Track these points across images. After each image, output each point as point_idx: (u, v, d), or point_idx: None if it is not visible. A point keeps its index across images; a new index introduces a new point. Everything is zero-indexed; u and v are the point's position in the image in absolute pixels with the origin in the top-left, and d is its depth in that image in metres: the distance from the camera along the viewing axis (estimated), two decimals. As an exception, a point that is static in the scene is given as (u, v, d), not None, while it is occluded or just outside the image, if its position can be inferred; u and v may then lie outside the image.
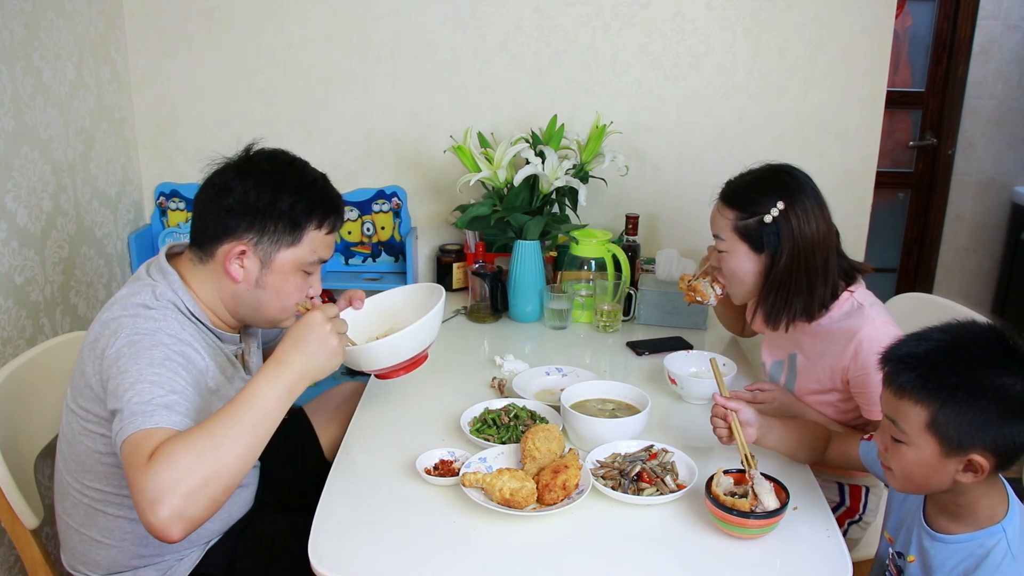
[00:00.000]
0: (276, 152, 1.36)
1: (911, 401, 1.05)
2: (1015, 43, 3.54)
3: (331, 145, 2.38)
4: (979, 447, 1.02)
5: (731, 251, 1.53)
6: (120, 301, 1.26)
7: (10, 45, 1.76)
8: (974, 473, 1.04)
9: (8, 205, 1.76)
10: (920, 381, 1.04)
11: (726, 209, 1.53)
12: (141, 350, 1.16)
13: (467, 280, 2.28)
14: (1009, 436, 1.01)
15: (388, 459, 1.39)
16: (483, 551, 1.17)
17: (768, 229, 1.47)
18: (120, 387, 1.12)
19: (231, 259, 1.29)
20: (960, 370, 1.02)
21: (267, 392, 1.11)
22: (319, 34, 2.29)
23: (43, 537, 1.42)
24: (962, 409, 1.01)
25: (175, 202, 2.40)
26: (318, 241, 1.34)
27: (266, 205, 1.28)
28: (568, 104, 2.31)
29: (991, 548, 1.08)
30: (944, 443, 1.03)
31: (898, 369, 1.07)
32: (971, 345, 1.04)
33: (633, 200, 2.39)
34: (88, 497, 1.30)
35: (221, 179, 1.31)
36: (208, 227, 1.31)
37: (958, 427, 1.02)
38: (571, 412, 1.43)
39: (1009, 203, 3.68)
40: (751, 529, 1.17)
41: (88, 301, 2.09)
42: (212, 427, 1.05)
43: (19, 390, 1.43)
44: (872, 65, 2.26)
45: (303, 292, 1.37)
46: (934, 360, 1.04)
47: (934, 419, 1.03)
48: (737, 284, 1.56)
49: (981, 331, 1.06)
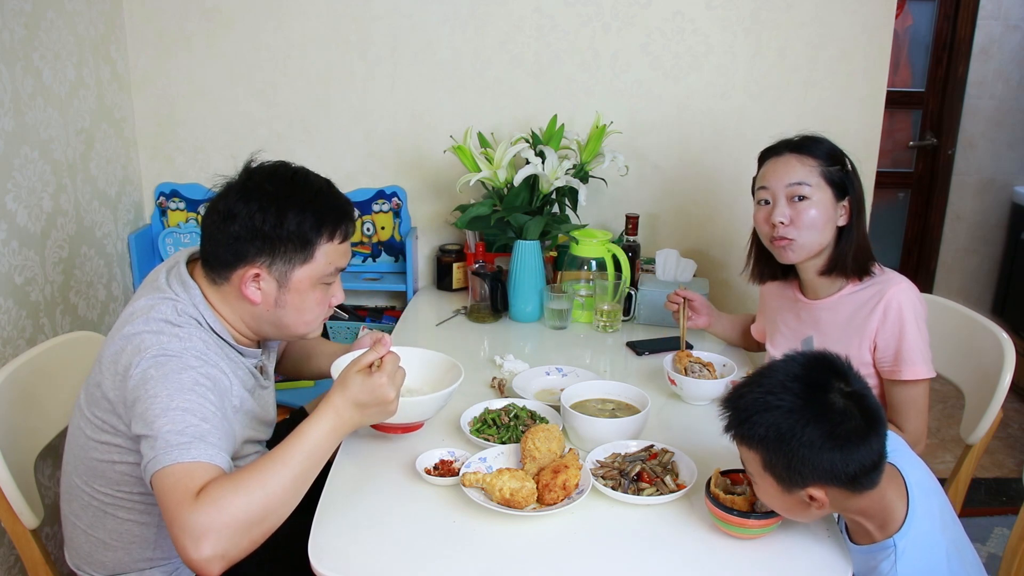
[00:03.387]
0: (276, 168, 1.33)
1: (744, 447, 1.12)
2: (1015, 43, 3.54)
3: (331, 145, 2.38)
4: (810, 483, 1.07)
5: (815, 198, 1.53)
6: (142, 315, 1.23)
7: (10, 45, 1.76)
8: (818, 504, 1.08)
9: (8, 205, 1.76)
10: (743, 430, 1.11)
11: (807, 158, 1.55)
12: (169, 373, 1.15)
13: (467, 280, 2.28)
14: (831, 467, 1.05)
15: (388, 459, 1.39)
16: (483, 551, 1.17)
17: (849, 178, 1.54)
18: (150, 412, 1.11)
19: (247, 283, 1.28)
20: (768, 421, 1.07)
21: (321, 443, 1.13)
22: (319, 34, 2.29)
23: (43, 537, 1.42)
24: (780, 455, 1.07)
25: (175, 202, 2.40)
26: (332, 252, 1.32)
27: (273, 227, 1.26)
28: (568, 104, 2.31)
29: (880, 562, 1.12)
30: (779, 481, 1.09)
31: (729, 419, 1.14)
32: (781, 392, 1.08)
33: (633, 200, 2.39)
34: (98, 501, 1.30)
35: (224, 205, 1.28)
36: (219, 254, 1.29)
37: (785, 468, 1.07)
38: (571, 412, 1.43)
39: (1009, 203, 3.68)
40: (751, 529, 1.17)
41: (88, 301, 2.09)
42: (263, 473, 1.06)
43: (19, 390, 1.43)
44: (872, 65, 2.26)
45: (325, 305, 1.36)
46: (748, 411, 1.10)
47: (765, 463, 1.10)
48: (816, 232, 1.54)
49: (795, 373, 1.10)
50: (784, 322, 1.69)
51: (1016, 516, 1.42)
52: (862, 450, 1.05)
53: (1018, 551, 1.40)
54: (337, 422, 1.15)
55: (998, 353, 1.56)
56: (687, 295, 1.85)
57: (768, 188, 1.57)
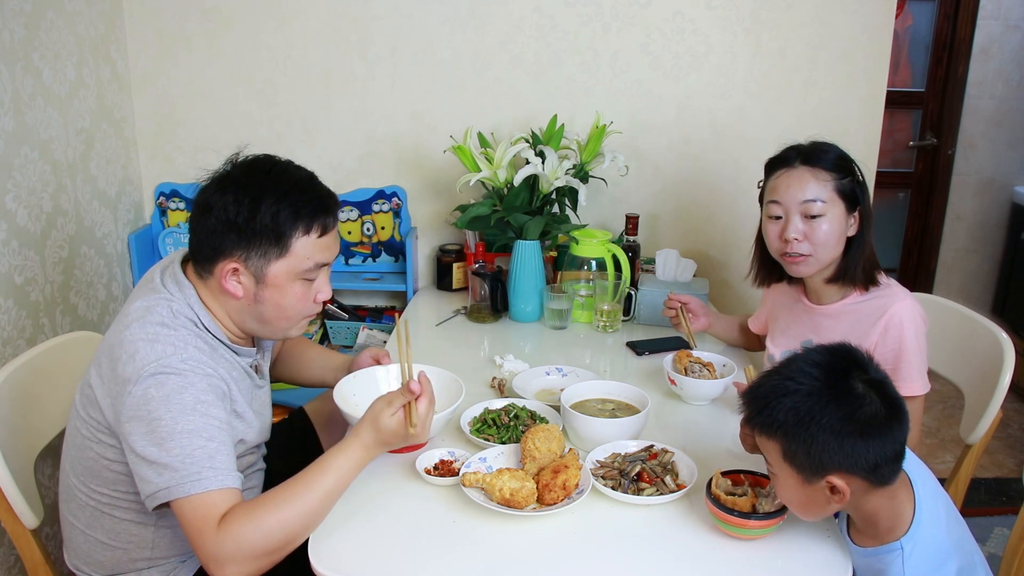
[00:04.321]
0: (256, 160, 1.30)
1: (764, 437, 1.11)
2: (1015, 43, 3.54)
3: (331, 145, 2.38)
4: (832, 471, 1.06)
5: (829, 213, 1.50)
6: (137, 319, 1.22)
7: (10, 45, 1.76)
8: (839, 496, 1.08)
9: (8, 205, 1.76)
10: (760, 418, 1.10)
11: (821, 172, 1.50)
12: (171, 393, 1.15)
13: (467, 280, 2.28)
14: (853, 455, 1.05)
15: (388, 459, 1.39)
16: (483, 551, 1.17)
17: (860, 188, 1.52)
18: (156, 435, 1.12)
19: (226, 277, 1.26)
20: (788, 406, 1.07)
21: (343, 478, 1.17)
22: (319, 34, 2.29)
23: (43, 537, 1.42)
24: (800, 441, 1.06)
25: (175, 202, 2.40)
26: (311, 247, 1.27)
27: (246, 220, 1.23)
28: (568, 104, 2.31)
29: (888, 564, 1.11)
30: (800, 471, 1.08)
31: (748, 409, 1.14)
32: (800, 377, 1.08)
33: (633, 200, 2.39)
34: (95, 500, 1.30)
35: (203, 197, 1.27)
36: (200, 247, 1.28)
37: (806, 456, 1.07)
38: (571, 412, 1.43)
39: (1009, 203, 3.68)
40: (752, 530, 1.17)
41: (88, 301, 2.09)
42: (284, 504, 1.11)
43: (19, 390, 1.43)
44: (872, 65, 2.26)
45: (308, 300, 1.32)
46: (767, 398, 1.09)
47: (784, 452, 1.09)
48: (829, 249, 1.52)
49: (806, 362, 1.10)
50: (785, 321, 1.68)
51: (1016, 516, 1.42)
52: (884, 438, 1.05)
53: (1018, 551, 1.40)
54: (364, 457, 1.20)
55: (998, 353, 1.56)
56: (682, 299, 1.85)
57: (780, 203, 1.53)
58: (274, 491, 1.13)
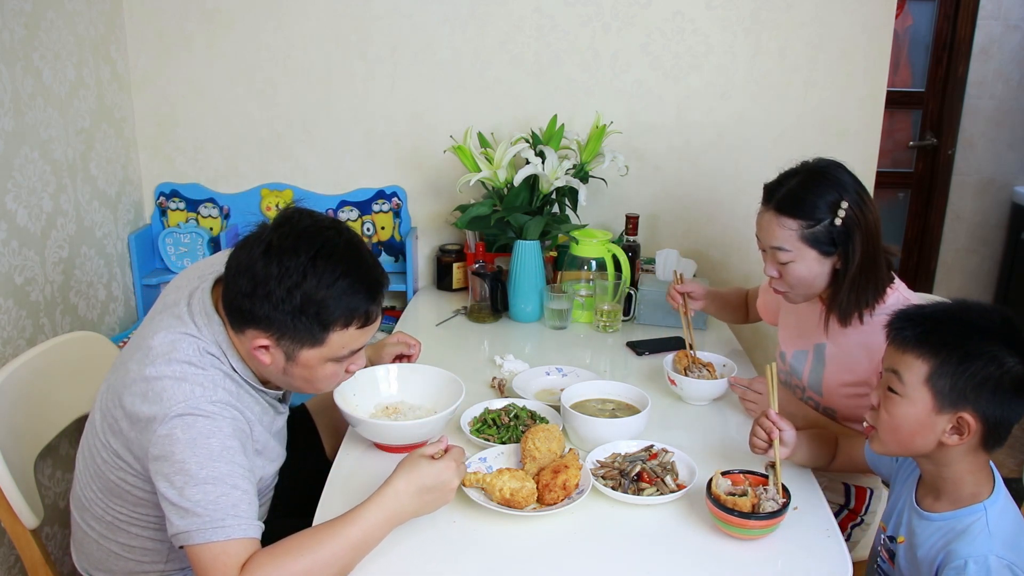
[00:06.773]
0: (305, 231, 1.18)
1: (913, 355, 1.10)
2: (1015, 43, 3.54)
3: (331, 145, 2.38)
4: (970, 407, 1.07)
5: (798, 259, 1.46)
6: (163, 356, 1.17)
7: (10, 45, 1.76)
8: (960, 435, 1.08)
9: (8, 205, 1.76)
10: (923, 336, 1.10)
11: (785, 219, 1.44)
12: (198, 438, 1.12)
13: (467, 280, 2.28)
14: (999, 406, 1.06)
15: (388, 459, 1.39)
16: (483, 551, 1.17)
17: (838, 231, 1.42)
18: (178, 479, 1.10)
19: (255, 347, 1.21)
20: (960, 332, 1.08)
21: (373, 532, 1.13)
22: (319, 34, 2.29)
23: (43, 537, 1.42)
24: (960, 367, 1.07)
25: (175, 202, 2.40)
26: (348, 338, 1.21)
27: (284, 307, 1.16)
28: (568, 104, 2.31)
29: (970, 524, 1.11)
30: (938, 398, 1.08)
31: (903, 324, 1.13)
32: (974, 315, 1.09)
33: (633, 200, 2.39)
34: (112, 516, 1.29)
35: (247, 257, 1.18)
36: (234, 303, 1.20)
37: (954, 383, 1.07)
38: (571, 412, 1.43)
39: (1009, 203, 3.68)
40: (752, 530, 1.17)
41: (88, 301, 2.09)
42: (308, 554, 1.07)
43: (19, 390, 1.43)
44: (872, 65, 2.26)
45: (339, 377, 1.28)
46: (938, 318, 1.11)
47: (932, 373, 1.08)
48: (804, 288, 1.49)
49: (987, 308, 1.11)
50: (799, 322, 1.64)
51: (1016, 516, 1.42)
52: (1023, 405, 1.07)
53: (1018, 551, 1.40)
54: (396, 507, 1.14)
55: (998, 353, 1.56)
56: (685, 289, 1.84)
57: (759, 239, 1.53)
58: (299, 537, 1.10)
